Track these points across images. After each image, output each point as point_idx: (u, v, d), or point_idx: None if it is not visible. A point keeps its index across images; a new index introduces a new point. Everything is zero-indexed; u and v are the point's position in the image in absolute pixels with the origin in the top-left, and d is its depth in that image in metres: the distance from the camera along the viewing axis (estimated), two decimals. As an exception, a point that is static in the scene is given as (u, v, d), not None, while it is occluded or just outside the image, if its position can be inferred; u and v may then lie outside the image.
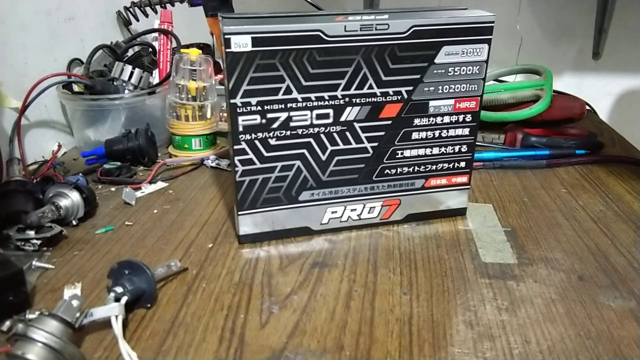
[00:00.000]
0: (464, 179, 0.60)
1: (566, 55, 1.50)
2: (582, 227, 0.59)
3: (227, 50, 0.47)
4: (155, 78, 0.90)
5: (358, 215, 0.58)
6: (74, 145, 0.86)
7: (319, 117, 0.52)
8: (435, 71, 0.53)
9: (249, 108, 0.50)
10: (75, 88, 0.82)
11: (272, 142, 0.52)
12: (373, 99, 0.53)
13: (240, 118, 0.50)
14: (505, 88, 0.89)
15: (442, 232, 0.58)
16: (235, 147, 0.51)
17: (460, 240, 0.56)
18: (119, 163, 0.75)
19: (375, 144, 0.55)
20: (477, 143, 0.60)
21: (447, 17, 0.52)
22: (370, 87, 0.52)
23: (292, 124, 0.51)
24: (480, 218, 0.61)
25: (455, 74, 0.54)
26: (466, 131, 0.57)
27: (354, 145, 0.54)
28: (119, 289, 0.43)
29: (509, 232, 0.58)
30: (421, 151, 0.57)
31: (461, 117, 0.56)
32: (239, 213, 0.54)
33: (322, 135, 0.53)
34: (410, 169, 0.57)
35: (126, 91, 0.82)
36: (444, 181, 0.59)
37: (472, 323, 0.43)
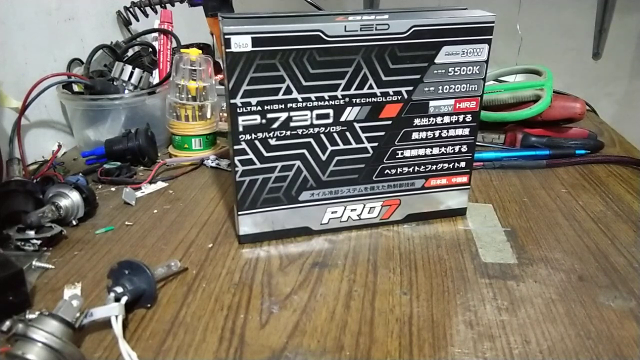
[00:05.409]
0: (464, 179, 0.60)
1: (566, 55, 1.50)
2: (582, 227, 0.59)
3: (227, 50, 0.47)
4: (155, 78, 0.90)
5: (358, 215, 0.58)
6: (74, 145, 0.86)
7: (319, 117, 0.52)
8: (435, 71, 0.53)
9: (249, 108, 0.50)
10: (75, 88, 0.82)
11: (272, 142, 0.52)
12: (373, 99, 0.53)
13: (240, 118, 0.50)
14: (505, 88, 0.89)
15: (442, 232, 0.58)
16: (235, 147, 0.51)
17: (460, 240, 0.56)
18: (119, 163, 0.75)
19: (375, 144, 0.55)
20: (477, 143, 0.60)
21: (447, 17, 0.52)
22: (370, 87, 0.52)
23: (292, 124, 0.51)
24: (480, 218, 0.61)
25: (456, 74, 0.54)
26: (466, 131, 0.57)
27: (354, 145, 0.54)
28: (119, 289, 0.43)
29: (509, 232, 0.58)
30: (421, 151, 0.57)
31: (461, 117, 0.56)
32: (239, 213, 0.54)
33: (322, 135, 0.53)
34: (410, 169, 0.57)
35: (126, 91, 0.82)
36: (444, 181, 0.59)
37: (472, 323, 0.43)
